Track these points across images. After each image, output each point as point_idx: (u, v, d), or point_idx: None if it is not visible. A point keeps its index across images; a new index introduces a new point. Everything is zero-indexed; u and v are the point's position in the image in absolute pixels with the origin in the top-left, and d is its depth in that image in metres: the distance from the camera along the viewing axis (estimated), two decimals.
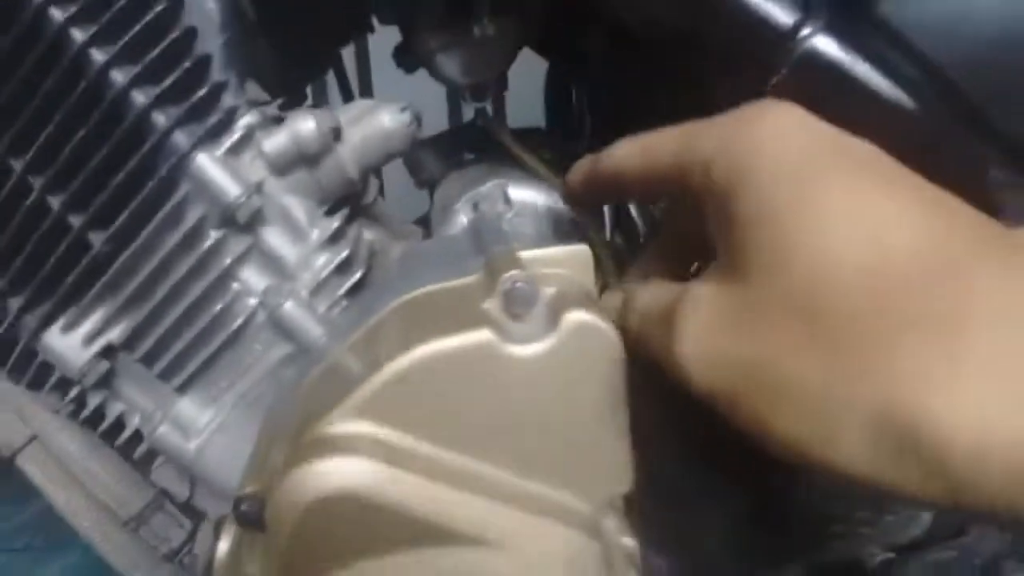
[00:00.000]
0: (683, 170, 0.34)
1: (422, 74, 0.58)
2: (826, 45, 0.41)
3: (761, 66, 0.41)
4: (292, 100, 0.52)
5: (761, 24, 0.41)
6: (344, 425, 0.34)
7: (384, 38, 0.61)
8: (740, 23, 0.41)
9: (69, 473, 0.57)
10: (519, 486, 0.36)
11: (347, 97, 0.68)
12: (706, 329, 0.31)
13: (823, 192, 0.29)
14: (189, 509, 0.59)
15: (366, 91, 0.71)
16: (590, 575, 0.37)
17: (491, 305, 0.36)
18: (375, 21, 0.57)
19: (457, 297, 0.38)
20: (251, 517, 0.36)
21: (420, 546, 0.34)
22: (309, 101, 0.60)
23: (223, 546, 0.43)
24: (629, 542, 0.40)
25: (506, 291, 0.35)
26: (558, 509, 0.37)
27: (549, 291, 0.37)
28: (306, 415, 0.37)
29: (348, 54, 0.94)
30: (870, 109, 0.43)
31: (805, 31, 0.41)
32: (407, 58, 0.58)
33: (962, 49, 0.45)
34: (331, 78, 0.69)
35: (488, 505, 0.35)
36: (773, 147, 0.31)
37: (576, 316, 0.35)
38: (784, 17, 0.41)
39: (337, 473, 0.33)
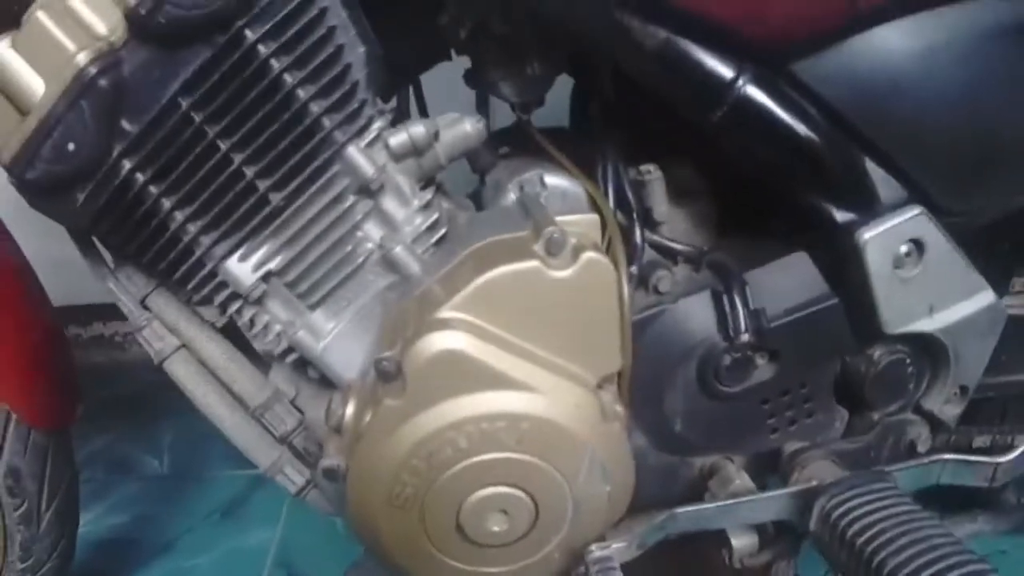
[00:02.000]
0: None
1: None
2: (755, 93, 0.64)
3: (706, 106, 0.64)
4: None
5: (707, 76, 0.63)
6: (451, 313, 0.58)
7: None
8: (689, 75, 0.63)
9: (210, 374, 0.78)
10: (550, 358, 0.60)
11: (421, 105, 0.90)
12: None
13: None
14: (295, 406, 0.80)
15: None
16: (591, 417, 0.61)
17: (538, 248, 0.59)
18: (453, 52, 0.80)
19: (515, 244, 0.62)
20: (389, 370, 0.59)
21: (490, 388, 0.58)
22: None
23: (349, 409, 0.66)
24: (619, 407, 0.63)
25: (547, 239, 0.58)
26: (574, 375, 0.61)
27: (572, 240, 0.60)
28: (420, 313, 0.61)
29: None
30: (788, 142, 0.66)
31: (740, 81, 0.63)
32: (474, 80, 0.80)
33: (859, 97, 0.68)
34: None
35: (532, 367, 0.59)
36: None
37: (588, 255, 0.58)
38: (725, 71, 0.63)
39: (448, 339, 0.56)
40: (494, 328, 0.59)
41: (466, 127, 0.69)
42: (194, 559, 1.32)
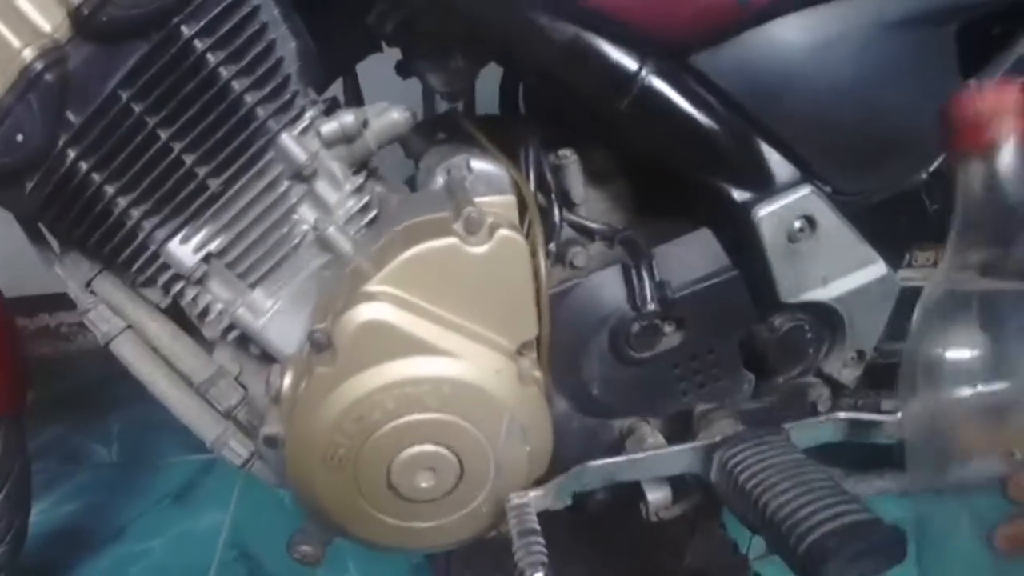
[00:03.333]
0: None
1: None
2: (658, 83, 0.70)
3: (612, 96, 0.70)
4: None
5: (612, 68, 0.69)
6: (377, 287, 0.63)
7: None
8: (596, 68, 0.69)
9: (154, 353, 0.82)
10: (469, 326, 0.65)
11: (357, 96, 0.95)
12: None
13: None
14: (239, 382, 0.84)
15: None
16: (510, 381, 0.66)
17: (457, 226, 0.64)
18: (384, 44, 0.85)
19: (437, 223, 0.67)
20: (321, 341, 0.63)
21: (414, 354, 0.63)
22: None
23: (287, 380, 0.70)
24: (537, 372, 0.69)
25: (465, 218, 0.64)
26: (492, 342, 0.66)
27: (489, 219, 0.65)
28: (350, 288, 0.66)
29: None
30: (688, 128, 0.72)
31: (643, 73, 0.69)
32: (404, 70, 0.85)
33: (754, 87, 0.74)
34: None
35: (453, 335, 0.64)
36: None
37: (503, 233, 0.64)
38: (629, 63, 0.69)
39: (374, 310, 0.62)
40: (417, 300, 0.64)
41: (394, 115, 0.74)
42: (146, 543, 1.36)
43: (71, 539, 1.37)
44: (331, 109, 0.76)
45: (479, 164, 0.79)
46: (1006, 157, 0.55)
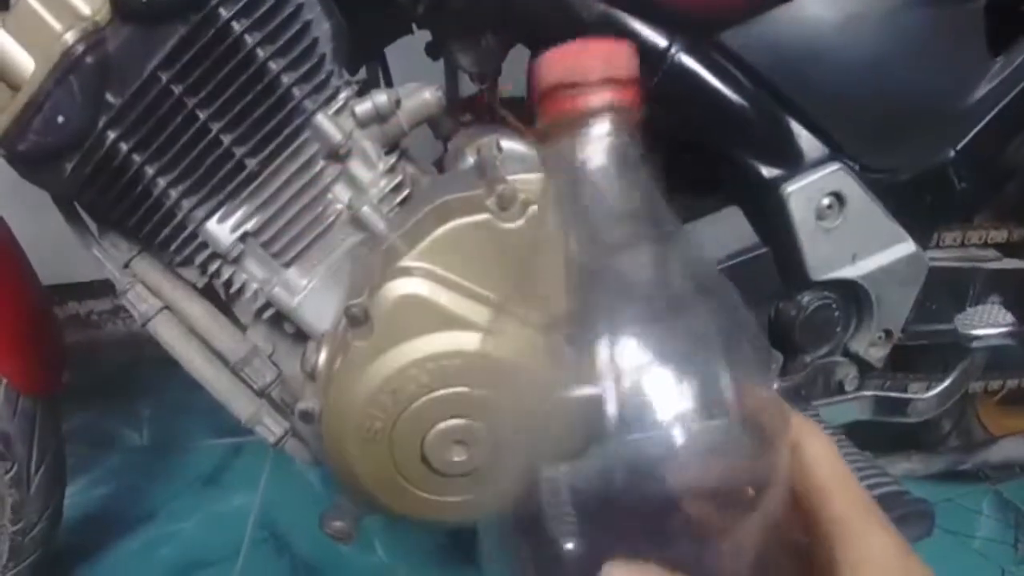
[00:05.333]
0: None
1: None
2: (688, 60, 0.71)
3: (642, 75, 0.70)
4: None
5: (642, 45, 0.70)
6: (412, 262, 0.64)
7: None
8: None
9: (191, 333, 0.84)
10: (499, 299, 0.66)
11: (387, 79, 0.96)
12: None
13: None
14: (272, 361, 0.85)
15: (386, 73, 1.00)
16: (539, 356, 0.67)
17: (490, 203, 0.65)
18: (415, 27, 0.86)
19: (471, 200, 0.68)
20: (358, 315, 0.65)
21: (448, 328, 0.64)
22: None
23: (322, 356, 0.72)
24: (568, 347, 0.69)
25: (498, 195, 0.65)
26: (522, 315, 0.67)
27: (521, 196, 0.66)
28: (385, 265, 0.67)
29: None
30: (718, 105, 0.73)
31: (672, 50, 0.70)
32: (435, 51, 0.86)
33: (783, 63, 0.74)
34: None
35: (483, 308, 0.65)
36: None
37: (534, 208, 0.64)
38: (659, 40, 0.70)
39: (410, 285, 0.63)
40: (451, 275, 0.65)
41: (426, 96, 0.75)
42: (177, 524, 1.37)
43: (103, 521, 1.39)
44: (362, 91, 0.77)
45: (509, 143, 0.80)
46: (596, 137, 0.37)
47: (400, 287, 0.64)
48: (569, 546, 0.62)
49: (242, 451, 1.52)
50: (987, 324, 0.90)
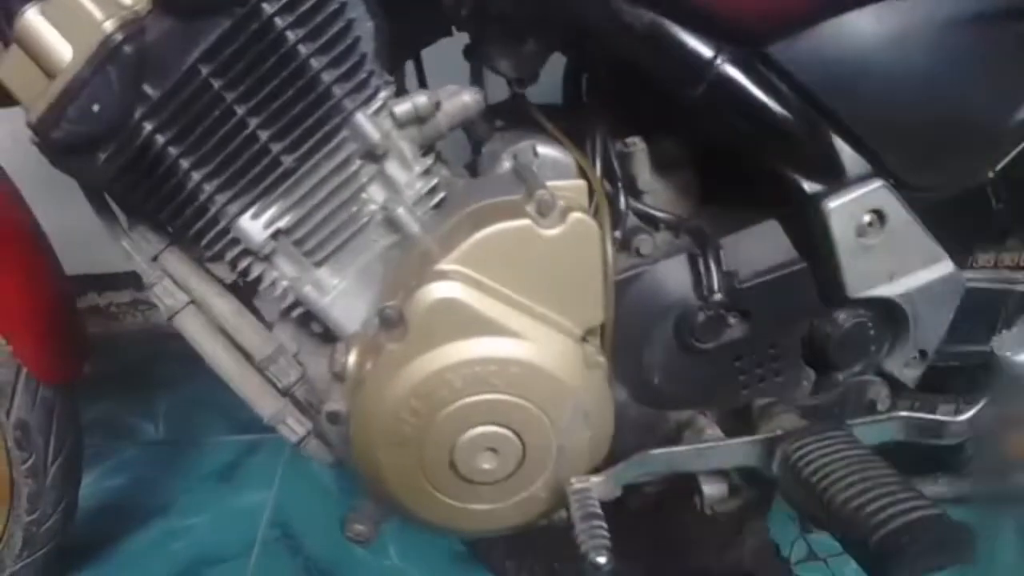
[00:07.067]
0: None
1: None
2: (733, 72, 0.70)
3: (687, 83, 0.69)
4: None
5: (688, 55, 0.69)
6: (449, 266, 0.63)
7: None
8: (672, 54, 0.69)
9: (217, 329, 0.83)
10: (539, 309, 0.65)
11: (421, 78, 0.96)
12: None
13: None
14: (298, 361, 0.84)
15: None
16: (575, 365, 0.66)
17: (530, 208, 0.64)
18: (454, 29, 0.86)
19: (509, 205, 0.67)
20: (392, 317, 0.64)
21: (484, 334, 0.63)
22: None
23: (352, 357, 0.71)
24: (601, 358, 0.69)
25: (538, 200, 0.64)
26: (560, 326, 0.66)
27: (561, 203, 0.65)
28: (419, 268, 0.66)
29: None
30: (761, 118, 0.72)
31: (718, 61, 0.69)
32: (473, 55, 0.86)
33: (829, 78, 0.73)
34: None
35: (522, 316, 0.64)
36: None
37: (576, 216, 0.64)
38: (705, 50, 0.69)
39: (446, 289, 0.62)
40: (489, 280, 0.64)
41: (465, 98, 0.74)
42: (190, 519, 1.37)
43: (117, 513, 1.39)
44: (397, 93, 0.76)
45: (545, 150, 0.80)
46: None
47: (436, 290, 0.63)
48: (600, 560, 0.61)
49: (257, 449, 1.51)
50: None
